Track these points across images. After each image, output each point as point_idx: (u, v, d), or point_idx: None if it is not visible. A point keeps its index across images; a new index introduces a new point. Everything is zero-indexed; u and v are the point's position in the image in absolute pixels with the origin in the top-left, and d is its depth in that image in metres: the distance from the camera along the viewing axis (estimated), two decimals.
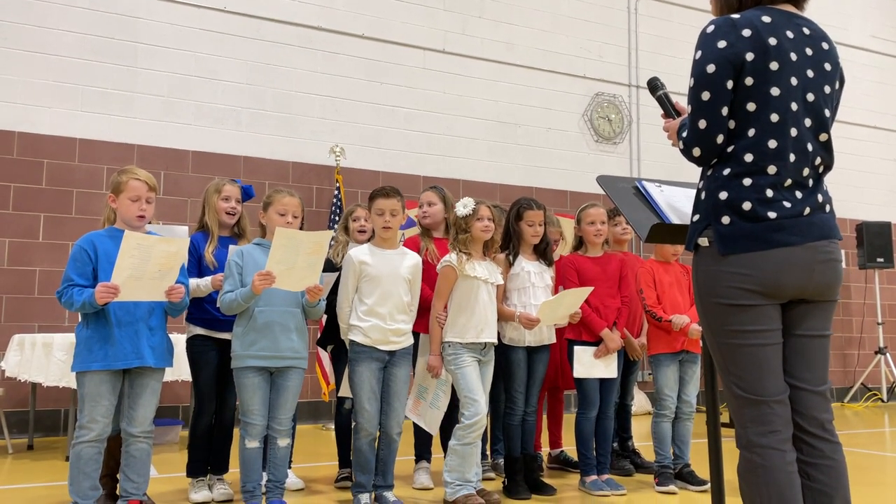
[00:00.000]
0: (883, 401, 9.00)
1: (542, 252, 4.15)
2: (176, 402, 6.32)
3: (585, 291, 3.97)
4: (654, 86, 2.40)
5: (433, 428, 3.86)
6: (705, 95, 2.00)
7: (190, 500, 3.77)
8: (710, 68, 1.99)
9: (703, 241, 2.05)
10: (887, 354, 8.94)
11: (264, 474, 3.57)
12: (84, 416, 3.09)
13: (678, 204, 2.47)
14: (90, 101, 6.45)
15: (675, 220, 2.40)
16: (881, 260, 8.97)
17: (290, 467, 3.82)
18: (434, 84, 7.83)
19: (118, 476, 3.35)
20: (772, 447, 1.96)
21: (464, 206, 3.76)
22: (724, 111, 2.01)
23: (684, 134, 2.09)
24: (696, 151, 2.06)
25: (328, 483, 4.26)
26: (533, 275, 4.05)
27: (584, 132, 8.58)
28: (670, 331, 4.16)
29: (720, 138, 2.03)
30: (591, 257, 4.29)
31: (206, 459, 3.87)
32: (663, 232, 2.43)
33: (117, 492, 3.37)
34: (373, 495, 3.66)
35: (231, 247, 3.71)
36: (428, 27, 7.87)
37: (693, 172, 2.17)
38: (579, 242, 4.37)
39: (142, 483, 3.24)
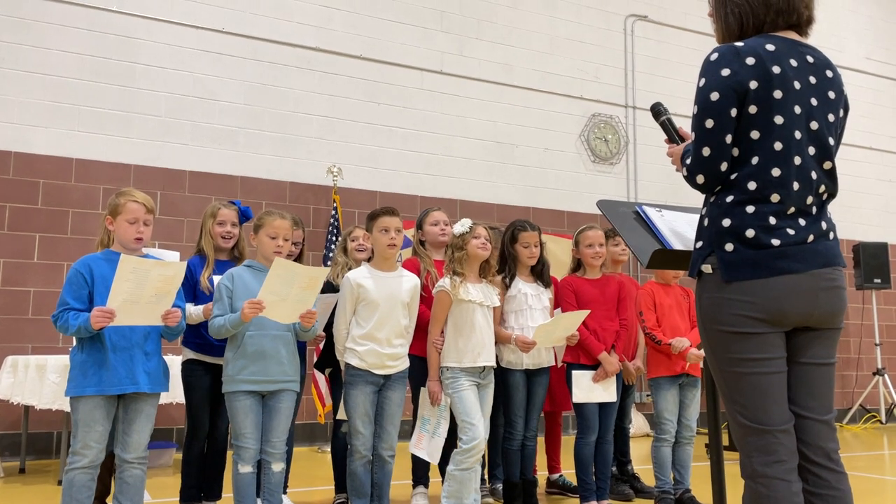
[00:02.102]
0: (882, 422, 8.96)
1: (539, 273, 4.14)
2: (170, 424, 6.25)
3: (582, 314, 3.94)
4: (657, 111, 2.40)
5: (434, 457, 3.78)
6: (709, 123, 2.00)
7: None
8: (714, 96, 1.99)
9: (707, 268, 2.03)
10: (885, 375, 8.91)
11: (258, 500, 3.52)
12: (77, 441, 3.03)
13: (679, 229, 2.45)
14: (87, 121, 6.43)
15: (677, 246, 2.38)
16: (878, 280, 8.97)
17: (285, 492, 3.76)
18: (431, 105, 7.85)
19: (108, 502, 3.29)
20: (777, 477, 1.93)
21: (461, 225, 3.75)
22: (728, 139, 2.01)
23: (688, 161, 2.08)
24: (700, 179, 2.06)
25: None
26: (530, 297, 4.03)
27: (581, 153, 8.60)
28: (670, 354, 4.13)
29: (724, 166, 2.02)
30: (589, 279, 4.26)
31: (199, 485, 3.81)
32: (664, 258, 2.41)
33: None
34: None
35: (215, 277, 3.68)
36: (425, 48, 7.90)
37: (691, 193, 2.15)
38: (577, 264, 4.35)
39: None
